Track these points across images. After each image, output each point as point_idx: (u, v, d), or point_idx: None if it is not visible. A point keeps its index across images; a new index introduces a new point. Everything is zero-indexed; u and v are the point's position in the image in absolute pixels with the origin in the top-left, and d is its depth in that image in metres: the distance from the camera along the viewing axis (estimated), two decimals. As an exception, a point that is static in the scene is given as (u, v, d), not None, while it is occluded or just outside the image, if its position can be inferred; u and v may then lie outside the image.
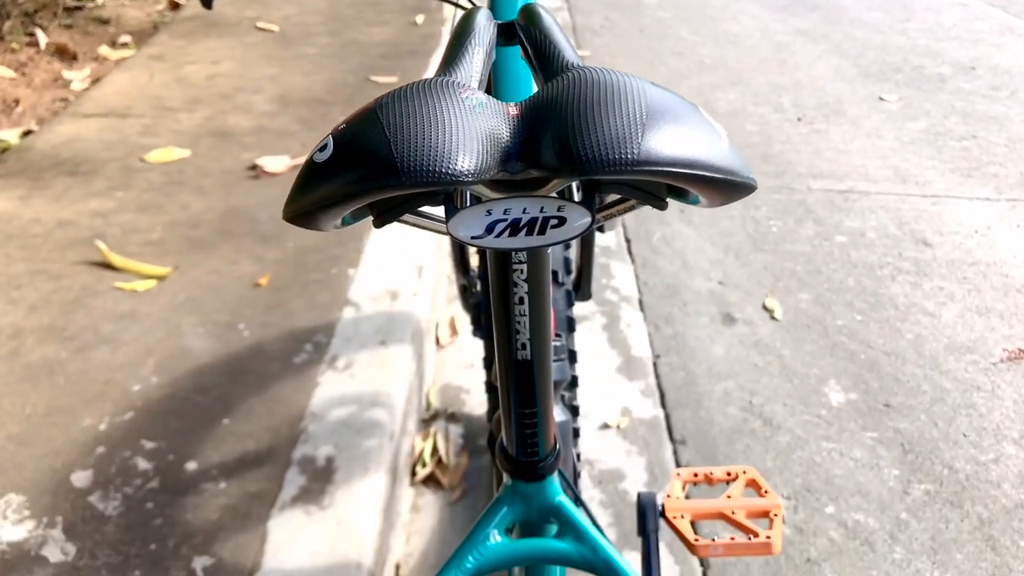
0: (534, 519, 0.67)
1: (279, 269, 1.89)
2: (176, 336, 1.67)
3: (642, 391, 1.92)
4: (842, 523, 1.60)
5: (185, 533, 1.27)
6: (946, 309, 2.22)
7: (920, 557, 1.54)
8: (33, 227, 2.01)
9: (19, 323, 1.68)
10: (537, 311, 0.54)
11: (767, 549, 0.92)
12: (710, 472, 1.02)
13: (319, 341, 1.69)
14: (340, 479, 1.40)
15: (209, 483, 1.36)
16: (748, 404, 1.88)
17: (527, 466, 0.63)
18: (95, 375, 1.56)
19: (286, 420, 1.49)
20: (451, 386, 1.93)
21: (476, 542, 0.64)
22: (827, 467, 1.72)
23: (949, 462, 1.74)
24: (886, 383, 1.95)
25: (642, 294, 2.25)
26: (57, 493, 1.33)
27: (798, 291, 2.27)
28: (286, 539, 1.29)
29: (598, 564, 0.64)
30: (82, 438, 1.43)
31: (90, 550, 1.24)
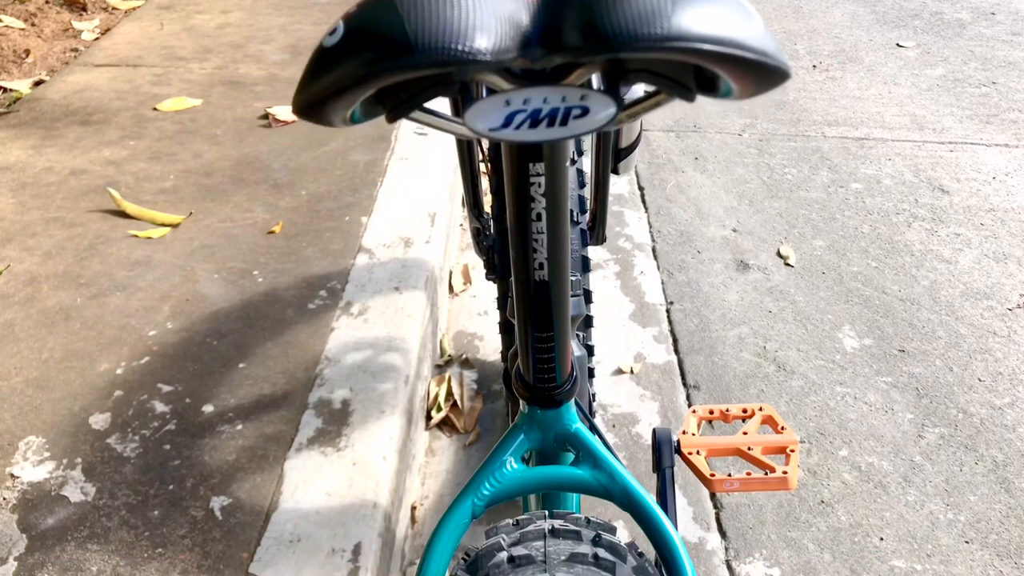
0: (551, 447, 0.67)
1: (292, 217, 1.89)
2: (191, 282, 1.68)
3: (655, 337, 1.91)
4: (856, 466, 1.60)
5: (202, 474, 1.29)
6: (962, 255, 2.20)
7: (934, 499, 1.54)
8: (46, 176, 2.00)
9: (34, 270, 1.69)
10: (555, 229, 0.53)
11: (783, 484, 0.92)
12: (726, 409, 1.02)
13: (333, 287, 1.69)
14: (356, 421, 1.41)
15: (226, 425, 1.37)
16: (762, 350, 1.88)
17: (544, 392, 0.63)
18: (111, 320, 1.57)
19: (301, 364, 1.50)
20: (464, 333, 1.93)
21: (493, 469, 0.64)
22: (841, 411, 1.72)
23: (964, 406, 1.74)
24: (901, 329, 1.94)
25: (655, 242, 2.23)
26: (76, 435, 1.34)
27: (812, 238, 2.26)
28: (303, 479, 1.30)
29: (615, 490, 0.64)
30: (99, 382, 1.44)
31: (109, 490, 1.26)
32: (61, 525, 1.20)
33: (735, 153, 2.67)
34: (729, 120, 2.88)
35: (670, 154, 2.66)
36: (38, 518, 1.21)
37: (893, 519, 1.51)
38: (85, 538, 1.18)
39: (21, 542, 1.17)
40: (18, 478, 1.26)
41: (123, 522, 1.21)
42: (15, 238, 1.78)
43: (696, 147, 2.70)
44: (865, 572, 1.42)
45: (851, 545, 1.46)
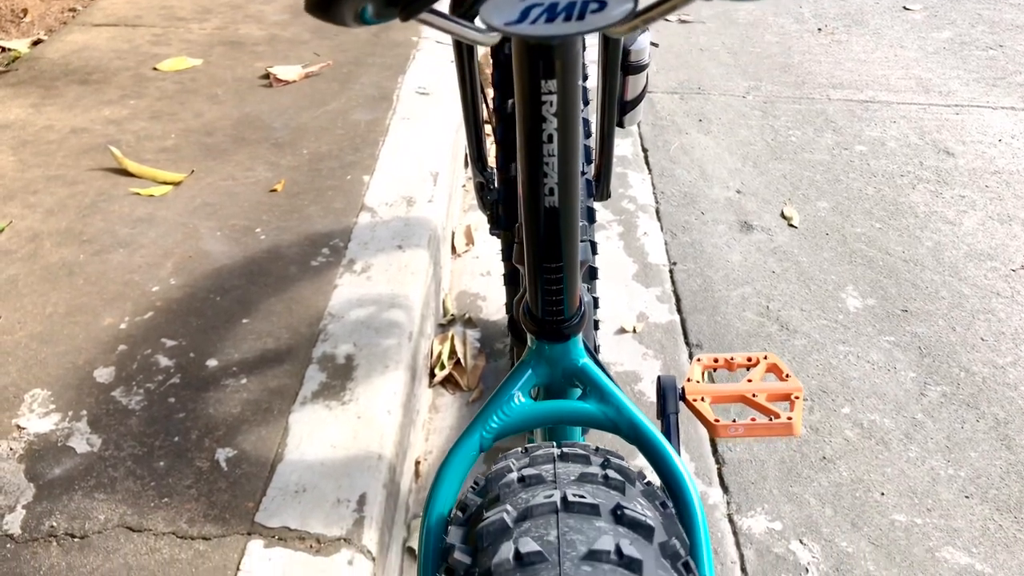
0: (558, 383, 0.67)
1: (294, 175, 1.88)
2: (193, 239, 1.67)
3: (658, 297, 1.91)
4: (857, 423, 1.61)
5: (207, 426, 1.29)
6: (967, 217, 2.19)
7: (935, 455, 1.55)
8: (47, 134, 1.99)
9: (36, 227, 1.69)
10: (566, 151, 0.52)
11: (788, 430, 0.92)
12: (731, 357, 1.02)
13: (336, 245, 1.69)
14: (360, 376, 1.41)
15: (230, 379, 1.37)
16: (765, 309, 1.88)
17: (552, 326, 0.63)
18: (114, 276, 1.57)
19: (305, 320, 1.50)
20: (468, 293, 1.93)
21: (501, 403, 0.64)
22: (843, 369, 1.72)
23: (966, 365, 1.74)
24: (904, 289, 1.94)
25: (659, 203, 2.23)
26: (81, 388, 1.34)
27: (816, 199, 2.25)
28: (307, 432, 1.30)
29: (622, 424, 0.64)
30: (103, 336, 1.44)
31: (115, 442, 1.26)
32: (68, 475, 1.20)
33: (739, 115, 2.65)
34: (733, 82, 2.85)
35: (674, 116, 2.64)
36: (45, 468, 1.21)
37: (894, 475, 1.52)
38: (92, 488, 1.19)
39: (29, 491, 1.18)
40: (24, 429, 1.27)
41: (129, 472, 1.21)
42: (16, 195, 1.77)
43: (700, 109, 2.68)
44: (866, 526, 1.43)
45: (852, 500, 1.47)
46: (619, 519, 0.49)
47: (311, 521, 1.17)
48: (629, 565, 0.45)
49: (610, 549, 0.46)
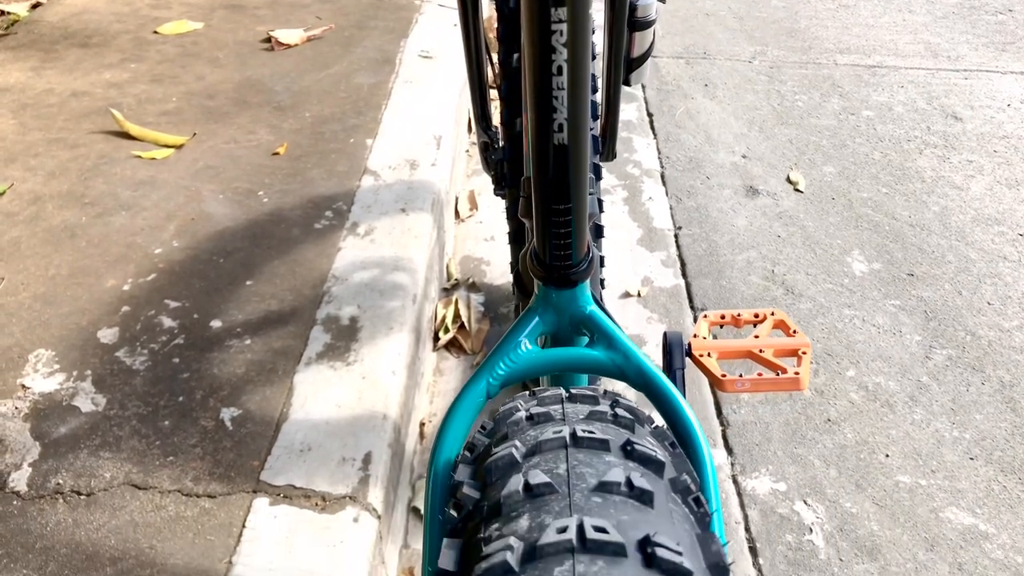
0: (565, 330, 0.66)
1: (297, 139, 1.87)
2: (196, 202, 1.66)
3: (663, 261, 1.90)
4: (862, 386, 1.61)
5: (212, 386, 1.29)
6: (974, 182, 2.17)
7: (940, 418, 1.55)
8: (47, 97, 1.98)
9: (38, 190, 1.68)
10: (576, 85, 0.51)
11: (795, 385, 0.92)
12: (738, 314, 1.01)
13: (339, 208, 1.68)
14: (364, 337, 1.41)
15: (234, 340, 1.37)
16: (770, 273, 1.87)
17: (559, 271, 0.62)
18: (116, 239, 1.56)
19: (309, 282, 1.50)
20: (471, 258, 1.92)
21: (508, 349, 0.63)
22: (849, 333, 1.72)
23: (972, 329, 1.74)
24: (910, 253, 1.93)
25: (664, 168, 2.21)
26: (85, 349, 1.34)
27: (823, 164, 2.23)
28: (312, 392, 1.30)
29: (630, 370, 0.63)
30: (106, 298, 1.44)
31: (120, 401, 1.26)
32: (73, 433, 1.20)
33: (745, 80, 2.62)
34: (739, 47, 2.82)
35: (679, 81, 2.62)
36: (50, 427, 1.21)
37: (899, 437, 1.51)
38: (97, 446, 1.19)
39: (35, 449, 1.18)
40: (29, 388, 1.27)
41: (134, 431, 1.21)
42: (18, 158, 1.76)
43: (706, 74, 2.66)
44: (870, 487, 1.43)
45: (857, 461, 1.47)
46: (629, 454, 0.49)
47: (316, 479, 1.17)
48: (640, 496, 0.45)
49: (620, 481, 0.45)
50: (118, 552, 1.06)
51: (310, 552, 1.08)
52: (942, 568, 1.31)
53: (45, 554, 1.05)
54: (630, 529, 0.43)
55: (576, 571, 0.40)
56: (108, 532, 1.08)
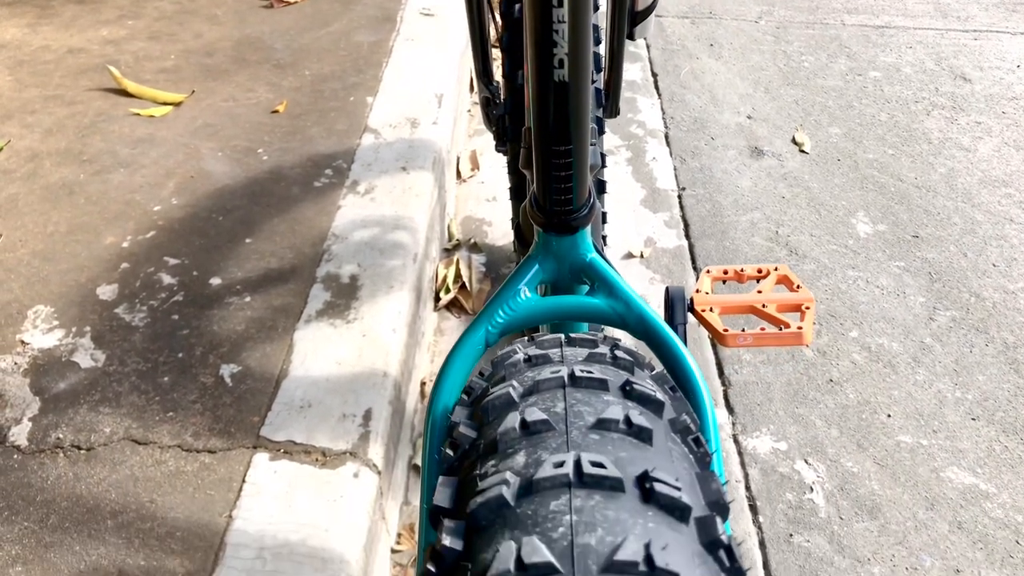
0: (565, 279, 0.65)
1: (296, 97, 1.84)
2: (195, 160, 1.65)
3: (666, 222, 1.89)
4: (865, 347, 1.60)
5: (211, 343, 1.29)
6: (982, 144, 2.15)
7: (942, 379, 1.54)
8: (43, 54, 1.95)
9: (35, 147, 1.66)
10: (577, 17, 0.50)
11: (798, 339, 0.91)
12: (741, 269, 1.00)
13: (339, 166, 1.66)
14: (365, 295, 1.40)
15: (234, 297, 1.36)
16: (774, 234, 1.85)
17: (560, 216, 0.61)
18: (115, 196, 1.55)
19: (308, 240, 1.48)
20: (473, 218, 1.91)
21: (507, 297, 0.62)
22: (852, 294, 1.71)
23: (977, 290, 1.72)
24: (916, 215, 1.91)
25: (668, 128, 2.18)
26: (84, 305, 1.34)
27: (828, 125, 2.20)
28: (312, 349, 1.30)
29: (631, 318, 0.62)
30: (105, 255, 1.43)
31: (119, 357, 1.26)
32: (73, 389, 1.20)
33: (751, 40, 2.59)
34: (745, 7, 2.78)
35: (684, 40, 2.58)
36: (50, 382, 1.21)
37: (901, 397, 1.51)
38: (97, 401, 1.19)
39: (34, 404, 1.18)
40: (28, 344, 1.26)
41: (134, 387, 1.21)
42: (14, 115, 1.74)
43: (711, 34, 2.62)
44: (871, 447, 1.43)
45: (858, 421, 1.47)
46: (628, 394, 0.48)
47: (317, 435, 1.17)
48: (639, 434, 0.44)
49: (619, 418, 0.44)
50: (118, 506, 1.06)
51: (310, 507, 1.09)
52: (942, 527, 1.31)
53: (46, 507, 1.06)
54: (628, 465, 0.42)
55: (573, 505, 0.39)
56: (108, 486, 1.08)
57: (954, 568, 1.26)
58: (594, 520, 0.39)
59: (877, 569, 1.26)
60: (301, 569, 1.02)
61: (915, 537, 1.30)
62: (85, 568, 1.00)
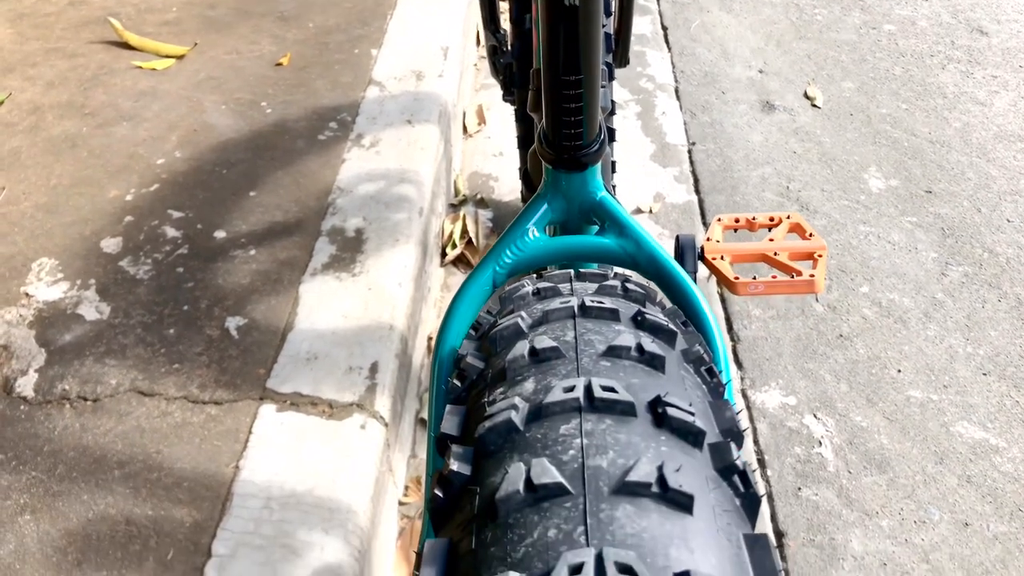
0: (575, 219, 0.63)
1: (300, 49, 1.82)
2: (198, 113, 1.63)
3: (676, 177, 1.87)
4: (876, 302, 1.58)
5: (217, 296, 1.28)
6: (998, 98, 2.11)
7: (953, 334, 1.53)
8: (44, 7, 1.92)
9: (37, 100, 1.64)
10: None
11: (810, 287, 0.89)
12: (752, 217, 0.98)
13: (344, 119, 1.64)
14: (370, 249, 1.38)
15: (239, 250, 1.35)
16: (785, 189, 1.83)
17: (569, 151, 0.59)
18: (118, 149, 1.53)
19: (313, 194, 1.47)
20: (479, 174, 1.88)
21: (515, 237, 0.61)
22: (863, 249, 1.69)
23: (990, 246, 1.70)
24: (929, 170, 1.89)
25: (678, 82, 2.15)
26: (88, 258, 1.33)
27: (841, 79, 2.17)
28: (318, 302, 1.29)
29: (642, 258, 0.61)
30: (109, 208, 1.41)
31: (124, 310, 1.25)
32: (78, 341, 1.20)
33: (763, -7, 2.53)
34: (758, -40, 2.72)
35: (695, -6, 2.53)
36: (55, 334, 1.20)
37: (911, 352, 1.50)
38: (102, 354, 1.18)
39: (40, 356, 1.18)
40: (33, 297, 1.26)
41: (139, 340, 1.20)
42: (16, 68, 1.72)
43: (722, -13, 2.57)
44: (881, 402, 1.42)
45: (868, 376, 1.46)
46: (639, 324, 0.47)
47: (323, 387, 1.16)
48: (651, 361, 0.43)
49: (631, 345, 0.43)
50: (125, 456, 1.06)
51: (317, 457, 1.08)
52: (951, 480, 1.31)
53: (53, 457, 1.06)
54: (640, 391, 0.41)
55: (583, 429, 0.38)
56: (115, 437, 1.08)
57: (963, 521, 1.26)
58: (605, 443, 0.37)
59: (885, 522, 1.26)
60: (308, 519, 1.02)
61: (924, 491, 1.30)
62: (93, 517, 1.00)
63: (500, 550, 0.34)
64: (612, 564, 0.31)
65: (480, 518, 0.37)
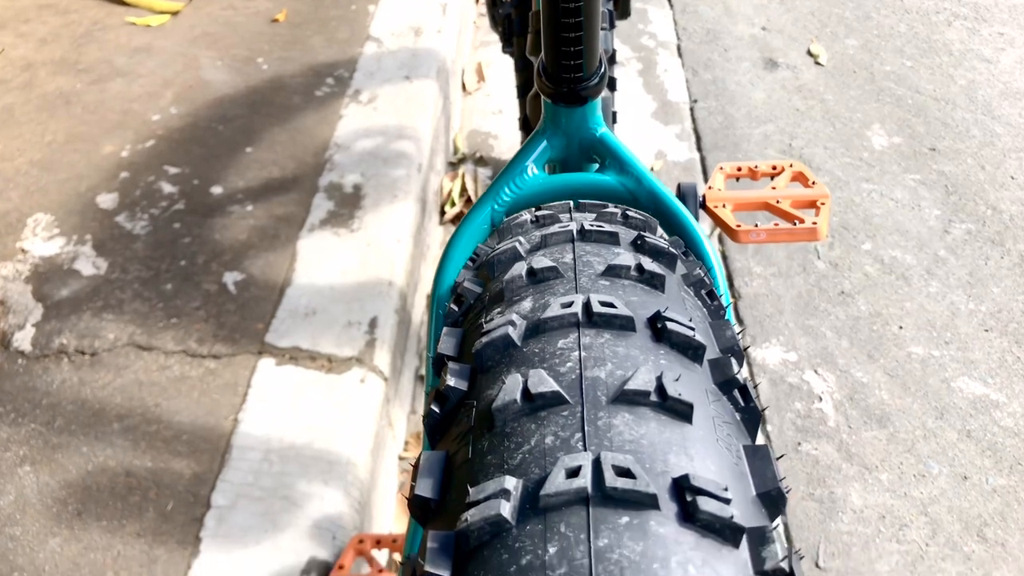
0: (574, 156, 0.62)
1: (296, 5, 1.79)
2: (193, 69, 1.61)
3: (677, 135, 1.85)
4: (878, 259, 1.57)
5: (214, 251, 1.27)
6: (1004, 55, 2.08)
7: (956, 291, 1.52)
8: (35, -38, 1.89)
9: (30, 56, 1.62)
10: None
11: (812, 235, 0.88)
12: (755, 165, 0.97)
13: (341, 76, 1.62)
14: (369, 205, 1.37)
15: (235, 206, 1.34)
16: (787, 147, 1.81)
17: (569, 85, 0.58)
18: (112, 105, 1.51)
19: (310, 150, 1.45)
20: (479, 132, 1.87)
21: (513, 174, 0.60)
22: (866, 207, 1.67)
23: (994, 203, 1.69)
24: (933, 127, 1.87)
25: (680, 40, 2.12)
26: (84, 214, 1.32)
27: (845, 37, 2.14)
28: (316, 258, 1.28)
29: (642, 195, 0.60)
30: (104, 164, 1.40)
31: (121, 265, 1.24)
32: (75, 296, 1.19)
33: (766, -50, 2.49)
34: (761, -84, 2.67)
35: (697, -50, 2.49)
36: (52, 289, 1.20)
37: (913, 309, 1.49)
38: (100, 308, 1.17)
39: (37, 310, 1.17)
40: (28, 252, 1.25)
41: (136, 294, 1.20)
42: (8, 24, 1.70)
43: (725, -57, 2.52)
44: (882, 358, 1.41)
45: (869, 333, 1.45)
46: (640, 248, 0.46)
47: (322, 342, 1.16)
48: (651, 280, 0.42)
49: (630, 265, 0.42)
50: (124, 410, 1.06)
51: (317, 411, 1.08)
52: (950, 435, 1.31)
53: (52, 410, 1.05)
54: (639, 308, 0.40)
55: (582, 343, 0.37)
56: (113, 391, 1.08)
57: (961, 475, 1.26)
58: (603, 355, 0.37)
59: (885, 476, 1.26)
60: (308, 471, 1.02)
61: (924, 445, 1.30)
62: (93, 469, 1.00)
63: (497, 458, 0.34)
64: (610, 467, 0.30)
65: (477, 429, 0.36)
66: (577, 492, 0.30)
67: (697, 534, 0.30)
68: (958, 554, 1.17)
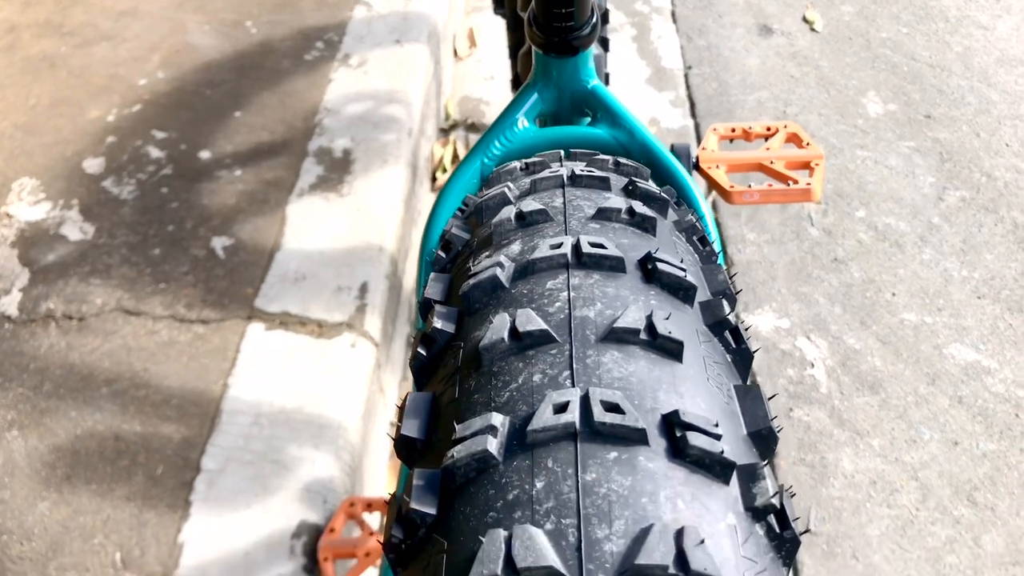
0: (566, 109, 0.61)
1: (284, -32, 1.76)
2: (180, 33, 1.58)
3: (672, 102, 1.83)
4: (872, 226, 1.57)
5: (202, 216, 1.25)
6: (1001, 22, 2.07)
7: (949, 258, 1.52)
8: (17, -76, 1.85)
9: (13, 19, 1.59)
10: None
11: (806, 196, 0.88)
12: (749, 126, 0.96)
13: (330, 39, 1.59)
14: (358, 170, 1.36)
15: (224, 171, 1.33)
16: (782, 114, 1.80)
17: (560, 34, 0.56)
18: (98, 69, 1.49)
19: (300, 114, 1.44)
20: (470, 98, 1.85)
21: (504, 127, 0.59)
22: (860, 174, 1.66)
23: (988, 170, 1.68)
24: (928, 95, 1.85)
25: (675, 5, 2.10)
26: (70, 178, 1.30)
27: (841, 3, 2.11)
28: (306, 223, 1.27)
29: (634, 148, 0.59)
30: (90, 128, 1.38)
31: (108, 230, 1.23)
32: (62, 261, 1.18)
33: (762, -85, 2.46)
34: None
35: (692, -85, 2.46)
36: (38, 254, 1.18)
37: (907, 276, 1.49)
38: (87, 273, 1.16)
39: (23, 275, 1.16)
40: (14, 217, 1.23)
41: (124, 260, 1.18)
42: (-10, -14, 1.67)
43: (720, -92, 2.49)
44: (875, 324, 1.41)
45: (862, 300, 1.45)
46: (631, 193, 0.45)
47: (312, 307, 1.15)
48: (641, 223, 0.41)
49: (621, 208, 0.42)
50: (112, 374, 1.05)
51: (307, 376, 1.07)
52: (942, 401, 1.31)
53: (40, 375, 1.04)
54: (630, 250, 0.39)
55: (571, 283, 0.37)
56: (102, 355, 1.07)
57: (952, 440, 1.26)
58: (593, 296, 0.36)
59: (876, 442, 1.26)
60: (299, 435, 1.01)
61: (915, 411, 1.30)
62: (82, 433, 0.99)
63: (484, 396, 0.33)
64: (598, 403, 0.30)
65: (464, 369, 0.36)
66: (565, 427, 0.30)
67: (687, 470, 0.30)
68: (948, 518, 1.18)
